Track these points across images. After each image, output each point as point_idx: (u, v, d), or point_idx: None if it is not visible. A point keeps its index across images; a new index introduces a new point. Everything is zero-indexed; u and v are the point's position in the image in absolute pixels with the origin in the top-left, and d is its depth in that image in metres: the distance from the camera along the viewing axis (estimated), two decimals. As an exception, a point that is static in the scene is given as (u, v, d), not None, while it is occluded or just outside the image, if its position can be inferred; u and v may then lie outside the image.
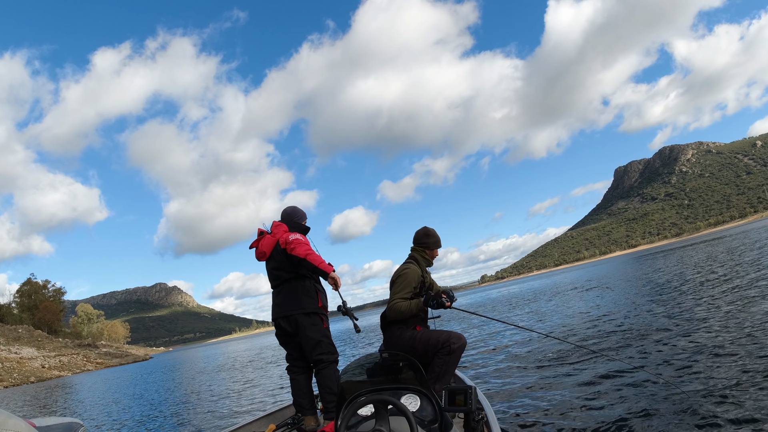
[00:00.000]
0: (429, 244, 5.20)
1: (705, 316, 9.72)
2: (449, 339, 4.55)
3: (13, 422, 2.09)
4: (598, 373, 7.25)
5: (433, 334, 4.68)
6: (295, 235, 4.91)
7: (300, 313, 4.89)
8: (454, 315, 29.56)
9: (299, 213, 5.32)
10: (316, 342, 4.87)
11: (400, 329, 4.84)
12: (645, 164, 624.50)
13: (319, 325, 4.95)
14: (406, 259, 5.21)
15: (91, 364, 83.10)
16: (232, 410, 11.10)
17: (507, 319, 13.09)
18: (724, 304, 10.57)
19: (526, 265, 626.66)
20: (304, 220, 5.33)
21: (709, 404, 4.88)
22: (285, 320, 4.96)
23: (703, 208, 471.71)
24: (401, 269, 4.98)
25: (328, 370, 4.85)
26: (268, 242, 5.07)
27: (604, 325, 11.98)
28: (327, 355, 4.88)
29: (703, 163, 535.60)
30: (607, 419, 5.15)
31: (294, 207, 5.37)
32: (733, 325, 8.26)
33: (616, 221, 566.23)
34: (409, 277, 4.86)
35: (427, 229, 5.26)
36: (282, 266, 4.98)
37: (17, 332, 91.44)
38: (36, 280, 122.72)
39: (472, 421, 3.19)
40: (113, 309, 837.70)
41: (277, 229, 5.09)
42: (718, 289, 13.34)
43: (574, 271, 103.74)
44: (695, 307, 11.12)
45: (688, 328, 9.00)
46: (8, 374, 59.53)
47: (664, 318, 10.74)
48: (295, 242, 4.78)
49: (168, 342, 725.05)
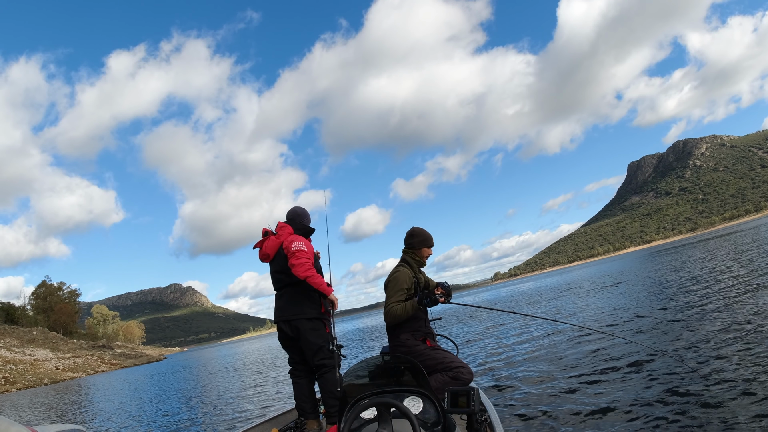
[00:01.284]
0: (414, 244, 5.10)
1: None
2: (459, 368, 4.51)
3: (16, 429, 2.11)
4: (601, 373, 7.19)
5: (446, 357, 4.63)
6: (298, 244, 4.84)
7: (302, 318, 4.86)
8: (455, 315, 29.42)
9: (303, 214, 5.26)
10: (318, 347, 4.84)
11: (408, 340, 4.76)
12: (658, 159, 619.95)
13: (321, 330, 4.92)
14: (398, 262, 5.13)
15: (106, 365, 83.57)
16: (234, 414, 11.00)
17: (511, 309, 13.01)
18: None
19: (539, 262, 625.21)
20: (309, 221, 5.31)
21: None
22: (286, 324, 4.93)
23: (718, 203, 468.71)
24: (392, 273, 4.93)
25: (330, 375, 4.81)
26: (273, 244, 5.03)
27: (621, 317, 11.62)
28: (329, 360, 4.84)
29: (718, 156, 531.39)
30: (611, 419, 5.14)
31: (300, 209, 5.30)
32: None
33: (630, 216, 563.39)
34: (400, 279, 4.79)
35: (413, 229, 5.17)
36: (285, 270, 4.92)
37: (32, 334, 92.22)
38: (51, 283, 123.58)
39: (475, 423, 3.22)
40: (129, 310, 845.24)
41: (281, 231, 5.04)
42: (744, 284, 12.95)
43: (588, 268, 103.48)
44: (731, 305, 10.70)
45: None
46: (21, 376, 59.93)
47: (680, 314, 10.37)
48: (296, 257, 4.75)
49: (183, 342, 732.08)
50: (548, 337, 12.21)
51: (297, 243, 4.84)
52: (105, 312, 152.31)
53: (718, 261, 23.01)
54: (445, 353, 4.70)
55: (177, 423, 11.53)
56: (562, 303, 22.02)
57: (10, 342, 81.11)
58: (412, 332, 4.76)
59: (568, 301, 22.11)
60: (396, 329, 4.81)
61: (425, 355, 4.59)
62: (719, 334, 7.77)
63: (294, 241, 4.87)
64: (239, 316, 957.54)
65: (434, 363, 4.54)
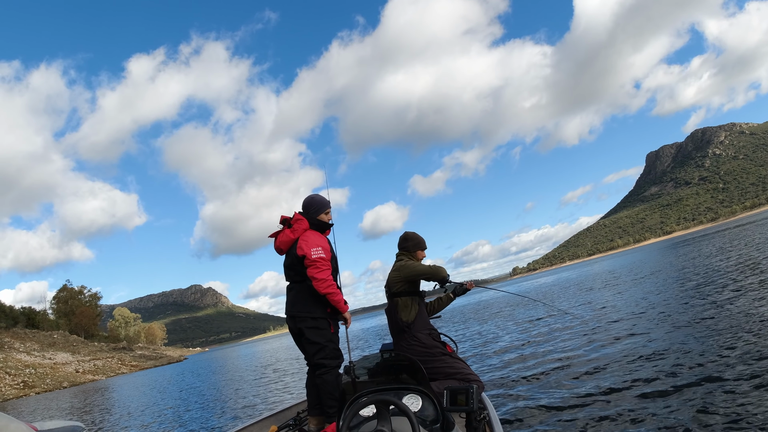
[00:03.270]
0: (409, 248, 5.17)
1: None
2: (476, 382, 4.40)
3: (15, 426, 2.13)
4: (603, 371, 7.15)
5: (465, 368, 4.60)
6: (317, 251, 4.61)
7: (306, 316, 4.73)
8: (453, 315, 29.38)
9: (319, 203, 4.96)
10: (320, 347, 4.69)
11: (427, 340, 4.75)
12: (677, 148, 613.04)
13: (326, 330, 4.75)
14: (396, 261, 5.19)
15: (126, 367, 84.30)
16: (237, 411, 11.22)
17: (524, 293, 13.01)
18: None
19: (558, 255, 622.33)
20: (325, 211, 4.99)
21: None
22: (291, 320, 4.84)
23: (739, 191, 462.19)
24: (400, 263, 5.02)
25: (329, 376, 4.63)
26: (287, 240, 4.87)
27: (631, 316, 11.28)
28: (329, 360, 4.66)
29: (737, 144, 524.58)
30: (612, 418, 5.09)
31: (315, 197, 5.02)
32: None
33: (649, 207, 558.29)
34: (413, 263, 4.97)
35: (406, 234, 5.26)
36: (295, 267, 4.79)
37: (52, 338, 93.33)
38: (71, 287, 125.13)
39: (474, 421, 3.29)
40: (150, 312, 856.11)
41: (297, 225, 4.82)
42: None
43: (608, 261, 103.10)
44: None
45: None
46: (41, 380, 60.48)
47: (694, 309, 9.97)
48: (317, 268, 4.56)
49: (204, 342, 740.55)
50: (549, 334, 12.18)
51: (316, 250, 4.61)
52: (127, 314, 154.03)
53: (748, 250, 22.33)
54: (463, 364, 4.66)
55: (177, 422, 11.67)
56: (590, 298, 21.37)
57: (30, 346, 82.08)
58: (430, 331, 4.74)
59: (598, 296, 21.53)
60: (411, 327, 4.80)
61: (444, 362, 4.56)
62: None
63: (313, 246, 4.63)
64: (259, 315, 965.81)
65: (453, 372, 4.52)
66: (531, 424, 5.56)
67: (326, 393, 4.65)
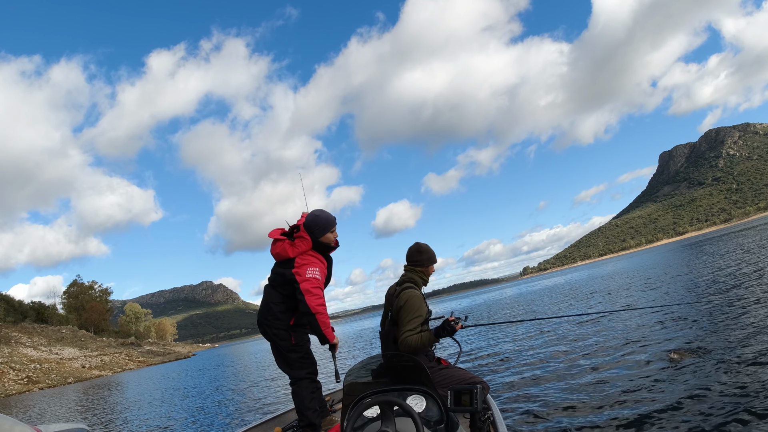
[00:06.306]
0: (423, 261, 4.70)
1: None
2: (474, 378, 4.31)
3: (20, 429, 2.14)
4: (605, 371, 7.18)
5: (466, 374, 4.41)
6: (313, 271, 4.39)
7: (273, 325, 4.58)
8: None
9: (324, 223, 4.53)
10: (284, 358, 4.62)
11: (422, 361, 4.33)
12: (690, 148, 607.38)
13: (287, 341, 4.59)
14: (402, 280, 4.65)
15: (133, 363, 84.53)
16: (240, 411, 11.12)
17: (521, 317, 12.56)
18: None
19: (569, 255, 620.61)
20: (331, 230, 4.59)
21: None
22: (260, 327, 4.68)
23: (752, 192, 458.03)
24: (404, 295, 4.43)
25: (296, 387, 4.55)
26: (284, 251, 4.55)
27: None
28: (293, 371, 4.59)
29: (751, 145, 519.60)
30: (615, 418, 5.07)
31: (320, 216, 4.56)
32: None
33: (662, 208, 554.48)
34: (416, 306, 4.36)
35: (419, 245, 4.78)
36: (276, 279, 4.61)
37: (61, 333, 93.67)
38: (82, 282, 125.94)
39: (478, 422, 3.26)
40: (162, 307, 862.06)
41: (300, 244, 4.50)
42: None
43: (619, 261, 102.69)
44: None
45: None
46: (45, 375, 60.50)
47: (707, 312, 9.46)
48: (310, 282, 4.35)
49: (215, 338, 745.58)
50: (553, 335, 12.08)
51: (312, 269, 4.41)
52: (137, 309, 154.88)
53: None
54: (463, 371, 4.48)
55: (179, 423, 11.52)
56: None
57: (37, 341, 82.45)
58: (426, 353, 4.50)
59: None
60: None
61: (443, 375, 4.38)
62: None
63: (309, 266, 4.42)
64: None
65: (456, 381, 4.30)
66: (536, 425, 5.48)
67: (297, 405, 4.53)
